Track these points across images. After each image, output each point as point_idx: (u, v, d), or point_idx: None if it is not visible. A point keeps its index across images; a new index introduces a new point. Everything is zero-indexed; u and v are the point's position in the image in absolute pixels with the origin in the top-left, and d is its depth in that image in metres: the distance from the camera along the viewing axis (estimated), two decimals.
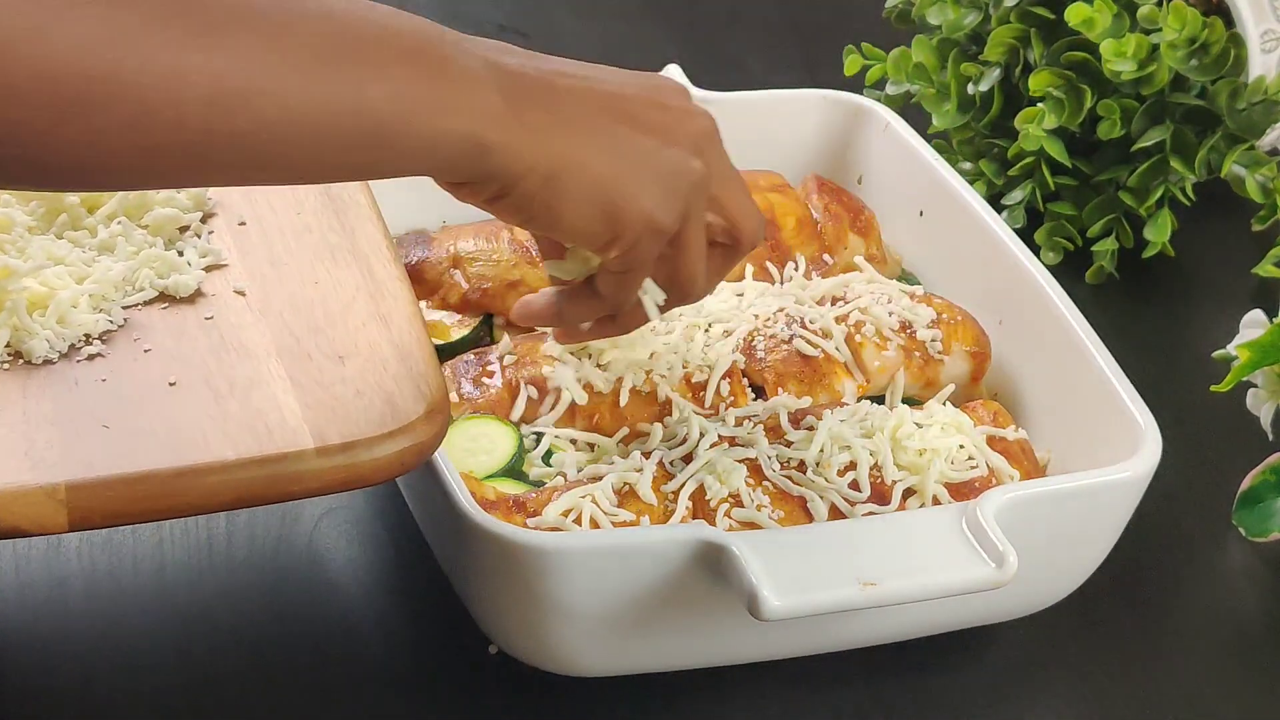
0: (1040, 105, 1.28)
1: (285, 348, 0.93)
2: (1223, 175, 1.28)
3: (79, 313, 0.95)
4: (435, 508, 0.95)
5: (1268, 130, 1.29)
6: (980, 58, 1.33)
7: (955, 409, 1.04)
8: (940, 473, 1.00)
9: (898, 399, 1.08)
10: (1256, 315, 1.11)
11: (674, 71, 1.23)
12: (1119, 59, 1.26)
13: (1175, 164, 1.27)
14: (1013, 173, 1.31)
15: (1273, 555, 1.10)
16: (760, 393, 1.06)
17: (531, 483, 1.01)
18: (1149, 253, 1.29)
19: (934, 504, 0.99)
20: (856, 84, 1.35)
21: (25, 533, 0.83)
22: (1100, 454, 1.00)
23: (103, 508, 0.84)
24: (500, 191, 0.87)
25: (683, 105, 0.93)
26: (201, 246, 1.01)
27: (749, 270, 1.14)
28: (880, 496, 0.99)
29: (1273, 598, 1.08)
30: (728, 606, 0.91)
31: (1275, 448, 1.11)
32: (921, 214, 1.20)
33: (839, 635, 0.98)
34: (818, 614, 0.89)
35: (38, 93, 0.74)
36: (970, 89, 1.33)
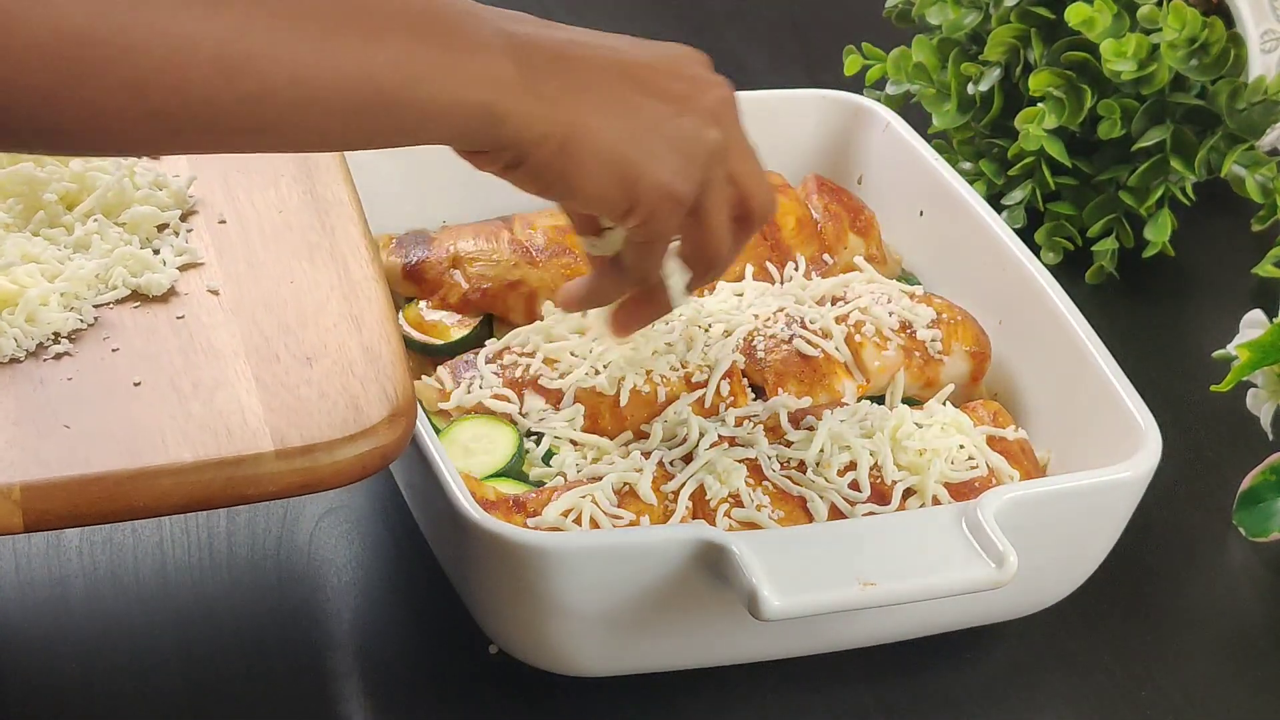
0: (1040, 105, 1.28)
1: (254, 348, 0.93)
2: (1223, 175, 1.28)
3: (49, 311, 0.95)
4: (435, 508, 0.95)
5: (1268, 130, 1.28)
6: (980, 58, 1.33)
7: (955, 409, 1.04)
8: (940, 473, 1.00)
9: (898, 399, 1.08)
10: (1256, 315, 1.11)
11: None
12: (1119, 59, 1.26)
13: (1175, 164, 1.27)
14: (1013, 173, 1.31)
15: (1273, 555, 1.10)
16: (760, 393, 1.06)
17: (531, 483, 1.01)
18: (1149, 253, 1.29)
19: (934, 504, 0.99)
20: (856, 84, 1.35)
21: None
22: (1100, 454, 1.00)
23: (58, 509, 0.83)
24: (515, 159, 0.87)
25: (701, 74, 0.92)
26: (178, 245, 1.01)
27: (749, 270, 1.14)
28: (880, 496, 0.99)
29: (1273, 598, 1.08)
30: (728, 606, 0.91)
31: (1275, 448, 1.11)
32: (921, 214, 1.20)
33: (839, 635, 0.98)
34: (818, 614, 0.89)
35: (41, 56, 0.74)
36: (970, 89, 1.33)
